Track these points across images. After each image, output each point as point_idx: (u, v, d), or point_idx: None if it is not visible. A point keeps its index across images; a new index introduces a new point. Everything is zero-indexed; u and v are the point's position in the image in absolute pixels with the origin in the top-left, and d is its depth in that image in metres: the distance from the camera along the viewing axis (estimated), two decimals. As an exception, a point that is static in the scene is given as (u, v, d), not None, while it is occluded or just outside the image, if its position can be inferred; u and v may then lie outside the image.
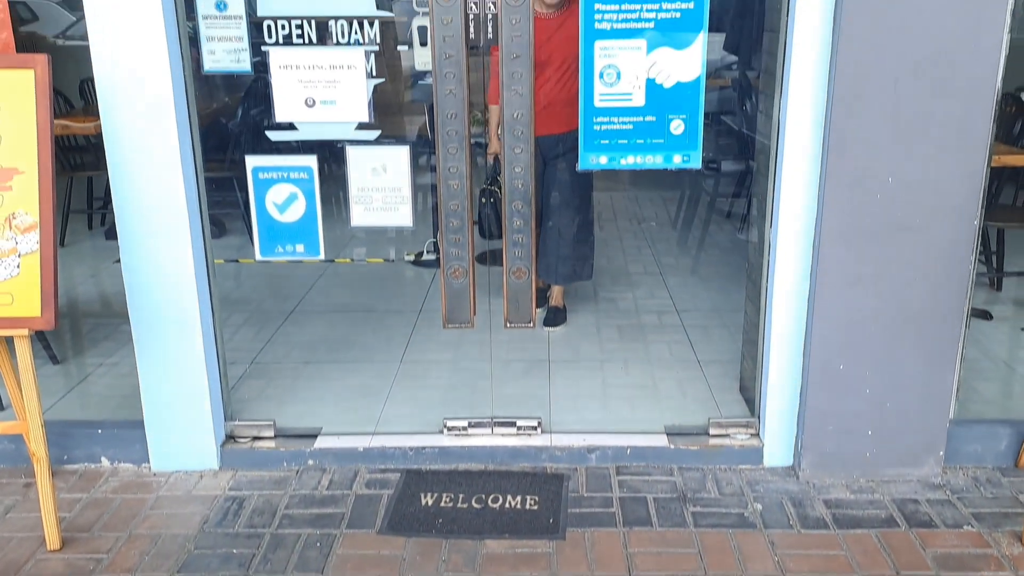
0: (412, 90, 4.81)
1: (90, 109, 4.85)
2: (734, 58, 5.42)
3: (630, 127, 2.71)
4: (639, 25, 2.62)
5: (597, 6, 2.62)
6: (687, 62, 2.65)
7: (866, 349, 2.66)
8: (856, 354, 2.67)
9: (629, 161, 2.76)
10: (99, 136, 2.60)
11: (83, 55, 2.57)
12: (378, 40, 2.61)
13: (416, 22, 2.99)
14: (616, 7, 2.61)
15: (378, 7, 2.60)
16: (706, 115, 2.72)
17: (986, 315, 3.86)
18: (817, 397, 2.72)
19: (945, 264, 2.60)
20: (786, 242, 2.67)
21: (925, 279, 2.60)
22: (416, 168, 2.81)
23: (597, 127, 2.72)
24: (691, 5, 2.60)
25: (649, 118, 2.72)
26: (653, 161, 2.74)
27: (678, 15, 2.61)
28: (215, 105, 4.80)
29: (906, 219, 2.56)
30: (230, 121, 4.70)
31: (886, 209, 2.55)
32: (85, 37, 2.50)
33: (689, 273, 4.71)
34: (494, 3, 2.59)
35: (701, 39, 2.62)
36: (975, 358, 3.40)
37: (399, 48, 3.40)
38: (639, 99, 2.69)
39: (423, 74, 3.17)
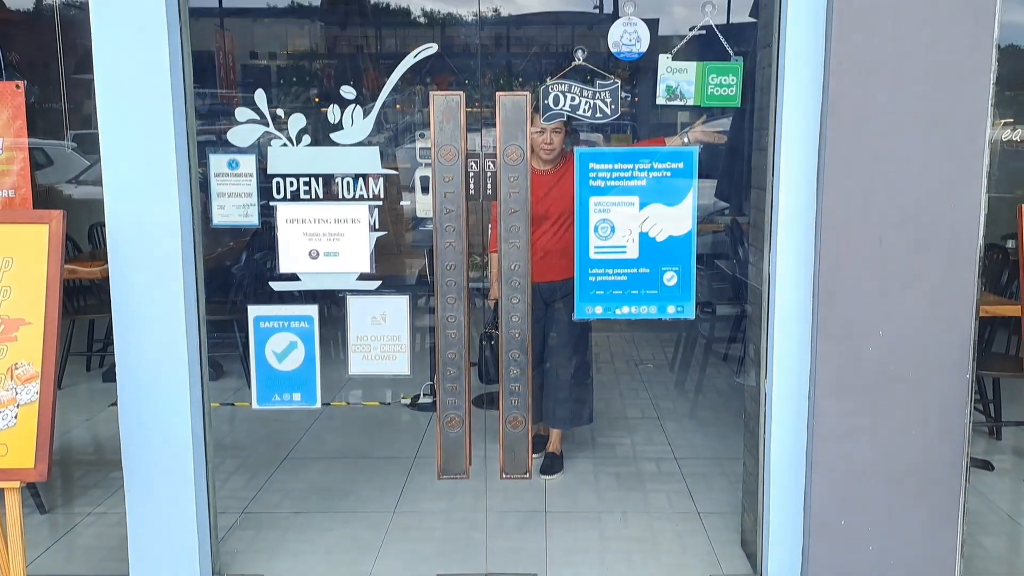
0: (412, 233, 4.95)
1: (97, 253, 4.97)
2: (726, 204, 5.60)
3: (624, 278, 2.79)
4: (632, 183, 2.74)
5: (592, 164, 2.75)
6: (678, 217, 2.76)
7: (867, 504, 2.63)
8: (857, 509, 2.63)
9: (624, 311, 2.82)
10: (104, 279, 2.66)
11: (95, 202, 2.66)
12: (382, 195, 2.72)
13: (419, 172, 3.12)
14: (609, 166, 2.74)
15: (382, 163, 2.73)
16: (700, 259, 2.81)
17: (987, 465, 3.83)
18: (820, 554, 2.66)
19: (941, 416, 2.61)
20: (781, 393, 2.69)
21: (922, 432, 2.60)
22: (415, 310, 2.86)
23: (592, 278, 2.80)
24: (681, 165, 2.73)
25: (643, 270, 2.80)
26: (647, 311, 2.80)
27: (668, 174, 2.74)
28: (220, 249, 4.92)
29: (899, 371, 2.59)
30: (234, 265, 4.80)
31: (878, 361, 2.58)
32: (98, 182, 2.60)
33: (687, 418, 4.69)
34: (493, 162, 2.71)
35: (691, 196, 2.73)
36: (979, 511, 3.35)
37: (406, 202, 3.54)
38: (633, 252, 2.78)
39: (424, 220, 3.28)
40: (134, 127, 2.55)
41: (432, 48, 2.66)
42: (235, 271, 4.76)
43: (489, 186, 2.73)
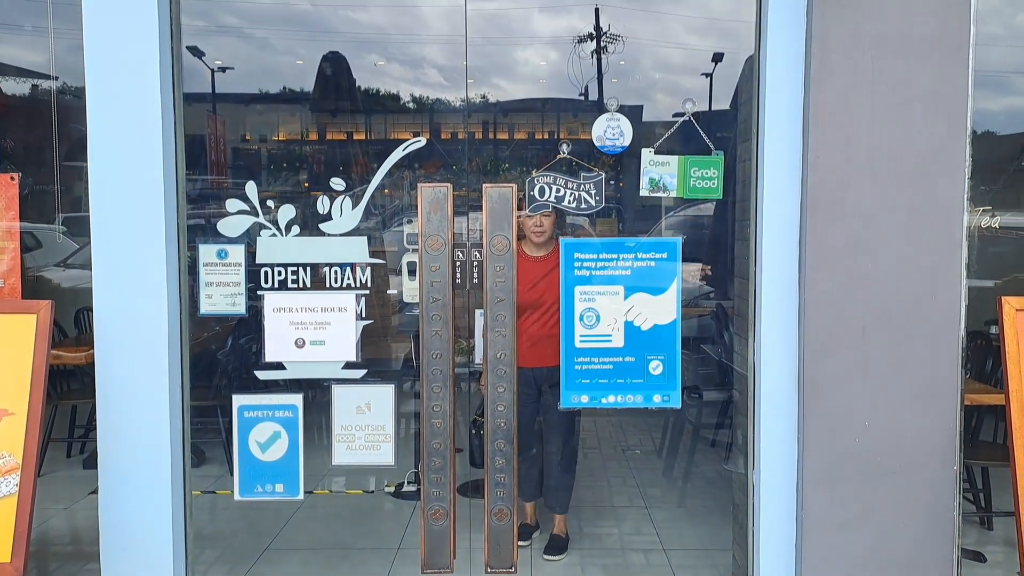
0: (398, 317, 4.95)
1: (83, 338, 4.94)
2: (711, 288, 5.65)
3: (610, 367, 2.80)
4: (617, 272, 2.78)
5: (576, 254, 2.79)
6: (663, 306, 2.78)
7: (858, 598, 2.59)
8: (848, 603, 2.59)
9: (610, 400, 2.82)
10: (89, 364, 2.64)
11: (83, 287, 2.67)
12: (368, 283, 2.74)
13: (406, 257, 3.15)
14: (595, 255, 2.78)
15: (370, 248, 2.76)
16: (686, 342, 2.83)
17: (979, 557, 3.78)
18: (812, 650, 2.60)
19: (930, 508, 2.59)
20: (769, 484, 2.67)
21: (911, 524, 2.58)
22: (400, 395, 2.85)
23: (578, 366, 2.80)
24: (665, 255, 2.77)
25: (628, 359, 2.81)
26: (633, 401, 2.80)
27: (653, 264, 2.77)
28: (206, 334, 4.90)
29: (887, 463, 2.58)
30: (219, 350, 4.78)
31: (866, 452, 2.58)
32: (86, 265, 2.61)
33: (675, 506, 4.62)
34: (479, 251, 2.74)
35: (675, 285, 2.77)
36: (972, 604, 3.29)
37: (393, 291, 3.56)
38: (618, 340, 2.79)
39: (410, 305, 3.29)
40: (125, 215, 2.57)
41: (420, 142, 2.72)
42: (220, 356, 4.74)
43: (475, 275, 2.77)
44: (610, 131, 2.81)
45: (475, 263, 2.76)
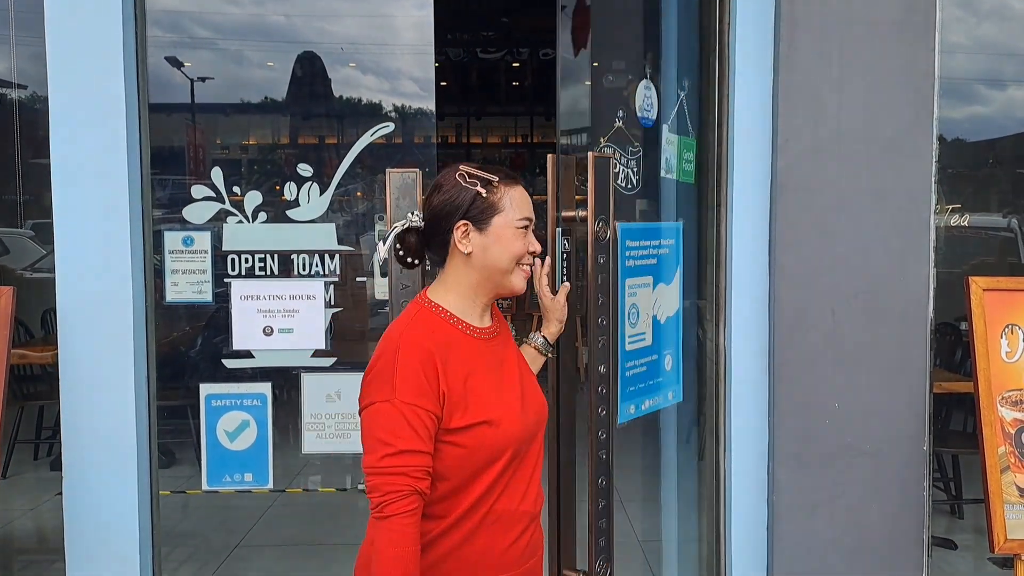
0: (373, 318, 4.91)
1: (49, 339, 4.86)
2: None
3: (644, 369, 2.55)
4: (647, 262, 2.53)
5: (628, 242, 2.41)
6: (672, 295, 2.70)
7: (830, 580, 2.59)
8: (821, 586, 2.59)
9: (647, 406, 2.54)
10: (55, 364, 2.60)
11: (49, 288, 2.62)
12: (338, 272, 2.71)
13: (377, 255, 3.12)
14: (636, 243, 2.46)
15: (339, 242, 2.73)
16: None
17: (950, 544, 3.80)
18: (785, 634, 2.60)
19: (900, 489, 2.60)
20: (740, 469, 2.67)
21: (882, 505, 2.59)
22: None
23: (628, 372, 2.44)
24: (672, 241, 2.69)
25: (654, 357, 2.57)
26: (658, 403, 2.58)
27: (667, 251, 2.64)
28: (176, 334, 4.84)
29: (857, 444, 2.59)
30: (191, 349, 4.72)
31: (836, 435, 2.58)
32: (53, 269, 2.56)
33: (650, 500, 4.62)
34: (567, 240, 2.27)
35: (679, 272, 2.72)
36: (944, 589, 3.31)
37: (362, 278, 3.52)
38: (649, 338, 2.54)
39: (383, 303, 3.26)
40: (88, 201, 2.52)
41: (389, 127, 2.70)
42: (192, 355, 4.68)
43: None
44: (646, 101, 2.70)
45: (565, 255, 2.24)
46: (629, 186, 2.64)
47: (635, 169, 2.65)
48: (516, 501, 1.73)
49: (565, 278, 2.17)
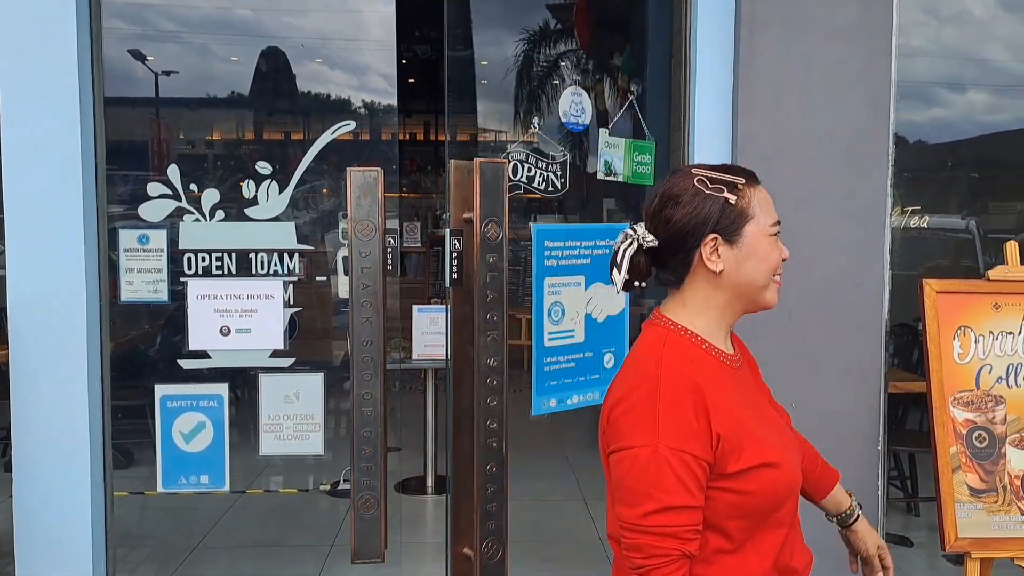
0: (336, 317, 4.87)
1: (3, 335, 4.76)
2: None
3: (573, 365, 2.61)
4: (579, 262, 2.60)
5: (547, 242, 2.54)
6: (615, 296, 2.71)
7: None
8: (778, 584, 2.61)
9: (573, 401, 2.63)
10: (6, 365, 2.55)
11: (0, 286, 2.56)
12: (297, 271, 2.68)
13: (341, 252, 3.09)
14: (562, 243, 2.56)
15: (299, 240, 2.70)
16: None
17: (906, 541, 3.86)
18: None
19: (855, 488, 2.57)
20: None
21: (838, 504, 2.61)
22: (340, 394, 2.78)
23: (547, 368, 2.55)
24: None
25: (587, 354, 2.64)
26: (591, 399, 2.64)
27: (608, 251, 2.68)
28: (134, 333, 4.76)
29: (813, 443, 2.60)
30: (147, 349, 4.65)
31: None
32: (4, 267, 2.51)
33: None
34: (458, 241, 2.29)
35: None
36: (899, 586, 3.35)
37: (323, 277, 3.48)
38: (579, 335, 2.61)
39: (346, 302, 3.23)
40: (41, 197, 2.47)
41: (350, 125, 2.68)
42: (150, 354, 4.61)
43: (454, 269, 2.29)
44: (574, 107, 2.72)
45: (454, 255, 2.28)
46: (551, 189, 2.66)
47: (558, 173, 2.66)
48: (793, 557, 1.51)
49: (455, 277, 2.20)
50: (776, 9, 2.57)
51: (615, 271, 1.49)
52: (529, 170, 2.60)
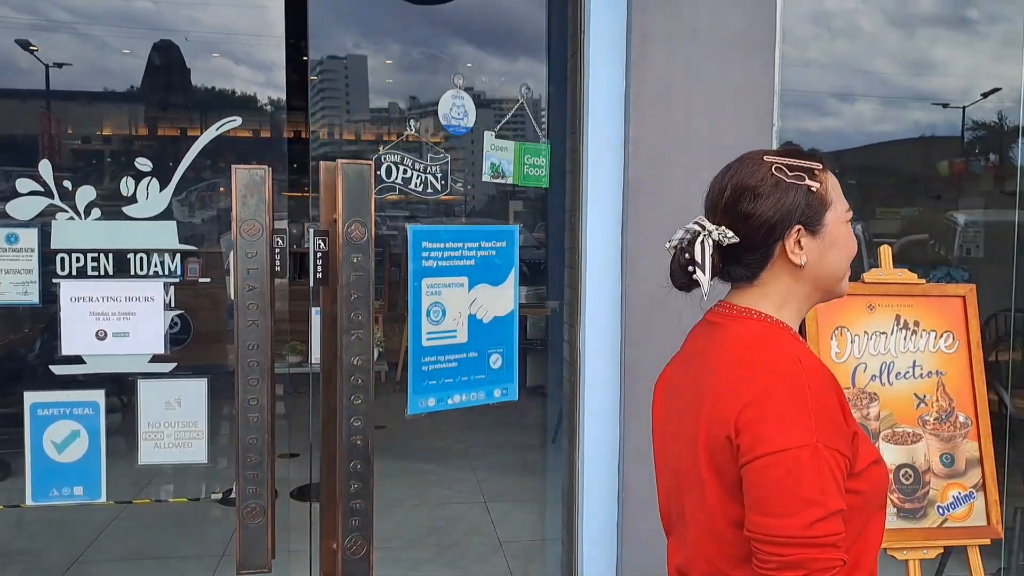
0: (230, 320, 4.73)
1: None
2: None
3: (455, 365, 2.64)
4: (461, 263, 2.63)
5: (425, 243, 2.58)
6: (503, 296, 2.72)
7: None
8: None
9: (455, 400, 2.66)
10: None
11: None
12: (179, 272, 2.58)
13: (232, 253, 2.99)
14: (442, 244, 2.59)
15: (184, 240, 2.60)
16: (534, 343, 2.75)
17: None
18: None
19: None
20: (593, 466, 2.71)
21: (725, 502, 2.67)
22: (231, 400, 2.68)
23: (424, 367, 2.59)
24: (504, 243, 2.72)
25: (472, 354, 2.67)
26: (476, 398, 2.66)
27: (494, 252, 2.70)
28: (12, 336, 4.52)
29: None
30: (20, 353, 4.42)
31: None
32: None
33: (515, 500, 4.64)
34: (323, 240, 2.31)
35: (513, 274, 2.73)
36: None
37: (208, 279, 3.37)
38: (463, 336, 2.63)
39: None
40: None
41: (236, 121, 2.59)
42: (22, 359, 4.38)
43: (319, 269, 2.29)
44: (456, 109, 2.71)
45: (319, 255, 2.28)
46: (430, 191, 2.69)
47: (438, 175, 2.68)
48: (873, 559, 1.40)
49: (319, 276, 2.20)
50: (666, 19, 2.61)
51: (698, 272, 1.41)
52: (405, 171, 2.62)
